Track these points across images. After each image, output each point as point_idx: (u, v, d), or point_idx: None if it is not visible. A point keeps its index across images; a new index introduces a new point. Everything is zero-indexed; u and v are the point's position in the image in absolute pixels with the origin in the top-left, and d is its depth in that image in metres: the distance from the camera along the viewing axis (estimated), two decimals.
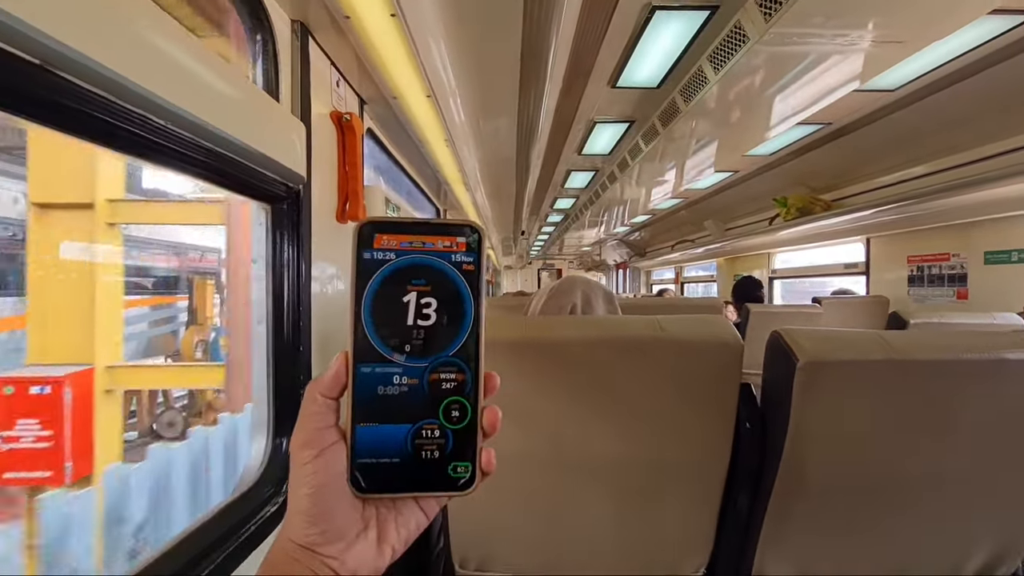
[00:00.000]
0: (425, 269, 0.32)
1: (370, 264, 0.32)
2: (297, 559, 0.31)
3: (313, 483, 0.31)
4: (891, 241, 3.24)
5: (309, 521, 0.31)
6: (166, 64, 0.55)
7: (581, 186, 4.37)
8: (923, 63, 1.97)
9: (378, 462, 0.32)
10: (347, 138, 0.99)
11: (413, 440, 0.32)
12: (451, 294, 0.32)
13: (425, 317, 0.32)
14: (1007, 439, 0.80)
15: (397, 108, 1.27)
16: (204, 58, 0.61)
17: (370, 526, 0.33)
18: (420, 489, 0.33)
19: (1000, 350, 0.77)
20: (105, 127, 0.51)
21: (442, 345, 0.32)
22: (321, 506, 0.31)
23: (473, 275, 0.33)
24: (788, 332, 0.81)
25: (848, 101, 2.25)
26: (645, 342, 0.82)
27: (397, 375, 0.32)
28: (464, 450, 0.33)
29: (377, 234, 0.32)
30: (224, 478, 3.37)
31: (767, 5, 1.56)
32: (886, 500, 0.84)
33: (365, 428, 0.32)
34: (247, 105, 0.66)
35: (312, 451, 0.31)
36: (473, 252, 0.33)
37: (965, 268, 2.78)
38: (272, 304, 0.84)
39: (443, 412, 0.32)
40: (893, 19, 1.51)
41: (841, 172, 3.41)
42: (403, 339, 0.32)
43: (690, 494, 0.88)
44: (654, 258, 7.30)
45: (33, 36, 0.43)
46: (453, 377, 0.32)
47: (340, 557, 0.31)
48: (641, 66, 2.17)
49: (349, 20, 0.85)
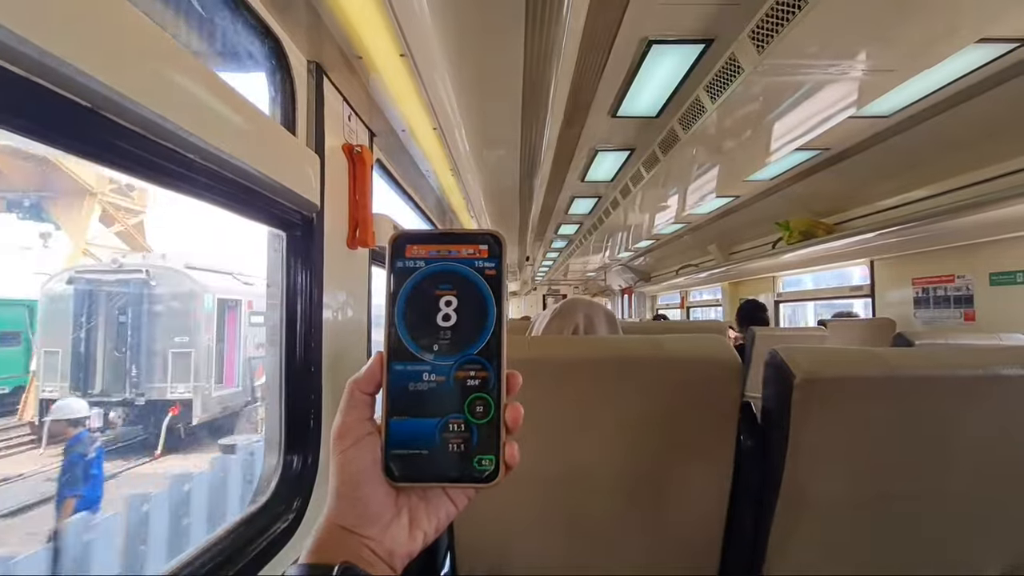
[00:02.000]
0: (451, 275, 0.35)
1: (402, 271, 0.35)
2: (340, 539, 0.33)
3: (351, 470, 0.34)
4: (895, 263, 3.25)
5: (348, 504, 0.34)
6: (191, 102, 0.60)
7: (584, 212, 4.44)
8: (916, 90, 2.03)
9: (409, 453, 0.34)
10: (357, 168, 1.05)
11: (441, 433, 0.34)
12: (475, 297, 0.35)
13: (451, 318, 0.35)
14: (1007, 456, 0.80)
15: (405, 140, 1.33)
16: (226, 96, 0.66)
17: (403, 512, 0.35)
18: (448, 480, 0.35)
19: (996, 366, 0.78)
20: (139, 160, 0.55)
21: (467, 344, 0.35)
22: (358, 491, 0.33)
23: (495, 279, 0.35)
24: (785, 350, 0.83)
25: (845, 127, 2.30)
26: (644, 360, 0.84)
27: (426, 372, 0.34)
28: (488, 444, 0.34)
29: (408, 244, 0.35)
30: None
31: (759, 38, 1.62)
32: (887, 517, 0.85)
33: (398, 421, 0.34)
34: (266, 139, 0.71)
35: (349, 441, 0.34)
36: (495, 258, 0.35)
37: (971, 289, 2.78)
38: (286, 326, 0.88)
39: (468, 407, 0.34)
40: (882, 49, 1.56)
41: (842, 196, 3.45)
42: (432, 339, 0.35)
43: (695, 511, 0.89)
44: (659, 283, 7.32)
45: (79, 80, 0.47)
46: (477, 374, 0.35)
47: (377, 538, 0.34)
48: (640, 97, 2.25)
49: (361, 60, 0.91)
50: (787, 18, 1.50)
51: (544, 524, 0.89)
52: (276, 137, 0.75)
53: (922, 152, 2.59)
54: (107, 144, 0.51)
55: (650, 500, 0.89)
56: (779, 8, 1.50)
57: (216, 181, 0.66)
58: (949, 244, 2.78)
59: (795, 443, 0.79)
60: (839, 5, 1.38)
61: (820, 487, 0.81)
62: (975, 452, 0.80)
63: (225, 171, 0.66)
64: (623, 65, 2.02)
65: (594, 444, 0.86)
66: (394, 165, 1.58)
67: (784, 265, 4.02)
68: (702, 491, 0.89)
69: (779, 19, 1.52)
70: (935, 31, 1.48)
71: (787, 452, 0.81)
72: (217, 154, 0.62)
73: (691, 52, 1.87)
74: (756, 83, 1.83)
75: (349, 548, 0.33)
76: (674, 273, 6.77)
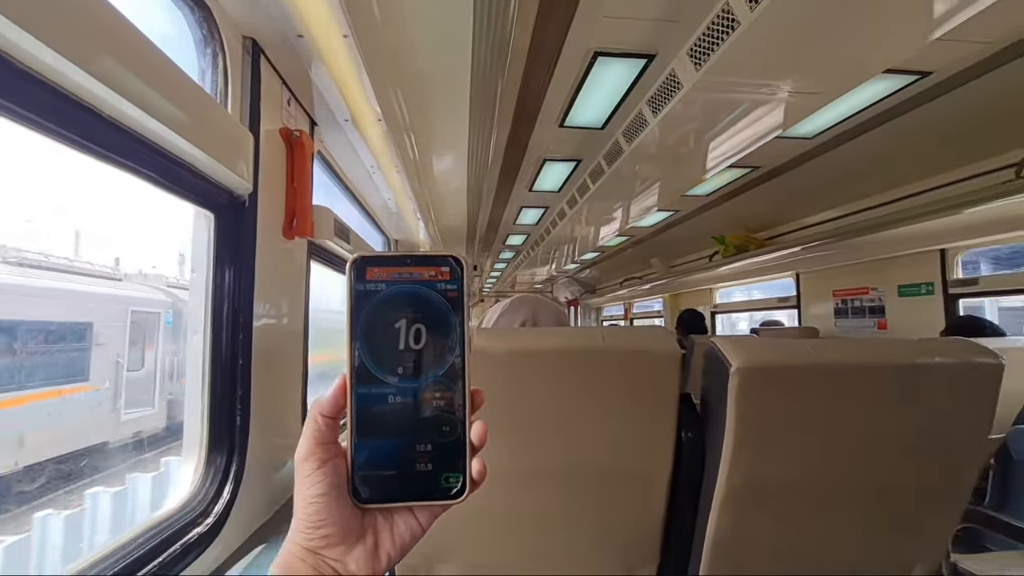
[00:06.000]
0: (413, 297, 0.35)
1: (363, 294, 0.35)
2: (304, 560, 0.34)
3: (314, 493, 0.34)
4: (818, 277, 3.50)
5: (313, 527, 0.34)
6: (102, 49, 0.54)
7: (532, 222, 4.49)
8: (834, 114, 2.21)
9: (376, 474, 0.35)
10: (296, 155, 1.00)
11: (407, 454, 0.35)
12: (437, 319, 0.35)
13: (415, 341, 0.35)
14: (921, 442, 0.87)
15: (348, 131, 1.29)
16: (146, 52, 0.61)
17: (367, 534, 0.36)
18: (415, 499, 0.36)
19: (912, 357, 0.85)
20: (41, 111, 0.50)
21: (432, 366, 0.35)
22: (322, 514, 0.34)
23: (457, 301, 0.36)
24: (721, 342, 0.86)
25: (774, 146, 2.46)
26: (587, 352, 0.85)
27: (391, 395, 0.35)
28: (455, 462, 0.35)
29: (369, 267, 0.35)
30: None
31: (697, 55, 1.72)
32: (818, 502, 0.89)
33: (363, 443, 0.35)
34: (193, 105, 0.66)
35: (313, 464, 0.34)
36: (456, 280, 0.36)
37: (883, 300, 3.03)
38: (211, 316, 0.81)
39: (435, 428, 0.35)
40: (805, 73, 1.69)
41: (772, 213, 3.68)
42: (396, 362, 0.35)
43: (638, 501, 0.90)
44: (604, 295, 7.50)
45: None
46: (443, 395, 0.35)
47: (342, 560, 0.34)
48: (586, 108, 2.31)
49: (302, 39, 0.88)
50: (722, 38, 1.59)
51: (480, 522, 0.87)
52: (204, 106, 0.70)
53: (839, 173, 2.81)
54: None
55: (595, 491, 0.89)
56: (715, 28, 1.59)
57: (136, 146, 0.60)
58: (864, 259, 3.02)
59: (732, 431, 0.82)
60: (768, 28, 1.48)
61: (755, 474, 0.84)
62: (894, 438, 0.86)
63: (145, 136, 0.61)
64: (570, 75, 2.07)
65: (535, 438, 0.86)
66: (337, 159, 1.53)
67: (720, 277, 4.23)
68: (645, 480, 0.90)
69: (715, 38, 1.61)
70: (849, 59, 1.62)
71: (724, 440, 0.83)
72: (135, 115, 0.57)
73: (635, 66, 1.95)
74: (694, 99, 1.92)
75: (312, 568, 0.33)
76: (618, 285, 6.97)
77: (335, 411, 0.35)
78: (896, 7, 1.35)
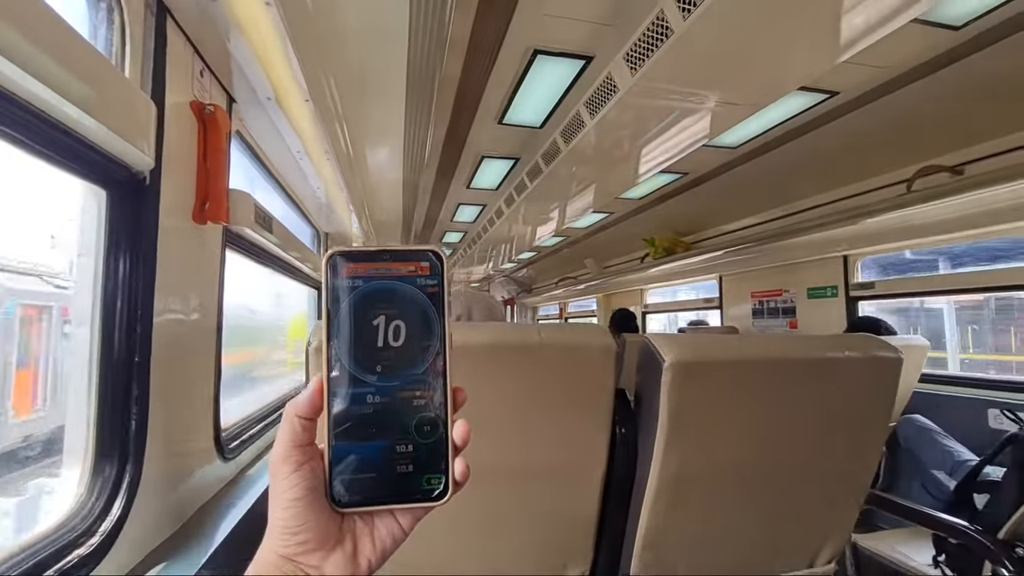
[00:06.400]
0: (392, 293, 0.34)
1: (340, 291, 0.34)
2: (280, 568, 0.32)
3: (290, 497, 0.32)
4: (739, 279, 3.73)
5: (289, 533, 0.32)
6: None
7: (470, 220, 4.46)
8: (756, 126, 2.35)
9: (355, 477, 0.34)
10: (210, 132, 0.90)
11: (388, 455, 0.34)
12: (417, 316, 0.34)
13: (394, 338, 0.34)
14: (832, 430, 0.93)
15: (272, 111, 1.19)
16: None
17: (346, 539, 0.34)
18: (395, 501, 0.34)
19: (825, 351, 0.91)
20: None
21: (411, 364, 0.34)
22: (299, 519, 0.32)
23: (437, 297, 0.35)
24: (655, 339, 0.88)
25: (701, 154, 2.59)
26: (523, 348, 0.83)
27: (370, 395, 0.34)
28: (437, 462, 0.34)
29: (346, 262, 0.34)
30: None
31: (632, 60, 1.76)
32: (742, 490, 0.93)
33: (342, 445, 0.34)
34: (77, 61, 0.57)
35: (289, 467, 0.33)
36: (436, 275, 0.35)
37: (794, 302, 3.28)
38: (101, 306, 0.71)
39: (415, 428, 0.34)
40: (731, 84, 1.78)
41: (698, 217, 3.88)
42: (374, 360, 0.34)
43: (572, 498, 0.89)
44: (540, 294, 7.60)
45: None
46: (423, 394, 0.34)
47: (319, 566, 0.33)
48: (525, 106, 2.31)
49: (216, 3, 0.79)
50: (656, 45, 1.64)
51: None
52: (93, 64, 0.60)
53: (759, 182, 3.01)
54: None
55: (523, 495, 0.87)
56: (650, 35, 1.64)
57: (9, 107, 0.51)
58: (778, 263, 3.25)
59: (664, 424, 0.83)
60: (699, 40, 1.54)
61: (687, 466, 0.86)
62: (813, 429, 0.91)
63: (17, 94, 0.52)
64: (510, 72, 2.06)
65: (477, 431, 0.83)
66: (260, 142, 1.42)
67: (651, 279, 4.40)
68: (581, 476, 0.90)
69: (649, 45, 1.66)
70: (769, 75, 1.73)
71: (657, 434, 0.85)
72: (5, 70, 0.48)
73: (573, 66, 1.97)
74: (630, 104, 1.98)
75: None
76: (554, 284, 7.08)
77: (312, 412, 0.34)
78: (809, 31, 1.45)
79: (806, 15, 1.39)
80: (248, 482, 1.16)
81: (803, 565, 0.99)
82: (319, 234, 2.70)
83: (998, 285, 2.33)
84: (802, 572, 0.98)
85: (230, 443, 1.16)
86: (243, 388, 1.48)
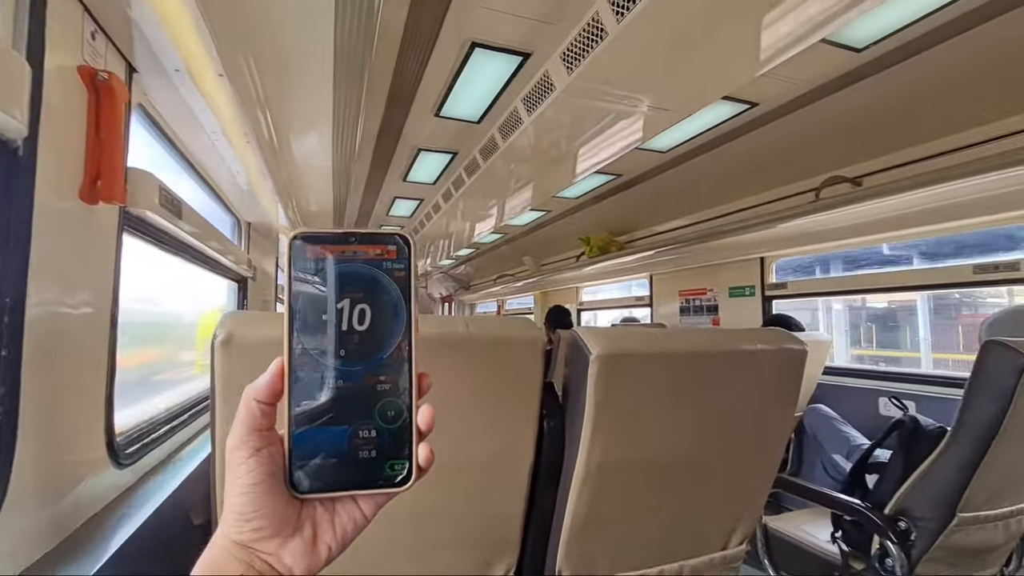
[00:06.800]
0: (358, 277, 0.34)
1: (304, 273, 0.33)
2: (234, 555, 0.31)
3: (246, 482, 0.31)
4: (668, 278, 3.90)
5: (244, 519, 0.31)
6: None
7: (406, 215, 4.36)
8: (685, 132, 2.46)
9: (316, 463, 0.33)
10: (103, 102, 0.80)
11: (350, 441, 0.33)
12: (383, 300, 0.34)
13: (359, 322, 0.34)
14: (746, 418, 0.98)
15: (182, 86, 1.09)
16: None
17: (305, 525, 0.33)
18: (357, 487, 0.34)
19: (740, 343, 0.95)
20: None
21: (376, 349, 0.34)
22: (255, 504, 0.31)
23: (404, 281, 0.34)
24: (583, 331, 0.89)
25: (635, 157, 2.67)
26: (450, 340, 0.81)
27: (333, 379, 0.33)
28: (400, 448, 0.34)
29: (310, 245, 0.33)
30: None
31: (568, 60, 1.78)
32: (663, 477, 0.96)
33: (302, 430, 0.33)
34: None
35: (245, 452, 0.32)
36: (404, 260, 0.34)
37: (717, 300, 3.47)
38: None
39: (379, 413, 0.34)
40: (662, 89, 1.85)
41: (631, 218, 4.02)
42: (338, 344, 0.33)
43: (499, 492, 0.88)
44: (478, 291, 7.58)
45: None
46: (388, 379, 0.34)
47: (276, 553, 0.32)
48: (463, 100, 2.29)
49: None
50: (592, 45, 1.67)
51: None
52: None
53: (687, 186, 3.16)
54: None
55: (456, 483, 0.86)
56: (585, 35, 1.66)
57: None
58: (703, 264, 3.43)
59: (590, 415, 0.84)
60: (632, 43, 1.59)
61: (611, 454, 0.87)
62: (728, 419, 0.95)
63: None
64: (447, 64, 2.03)
65: None
66: (169, 119, 1.29)
67: (586, 277, 4.51)
68: (508, 470, 0.89)
69: (585, 45, 1.69)
70: (696, 82, 1.81)
71: (583, 426, 0.86)
72: None
73: (511, 62, 1.97)
74: (566, 103, 2.00)
75: (244, 563, 0.31)
76: (492, 282, 7.08)
77: (271, 397, 0.33)
78: (733, 43, 1.53)
79: (731, 28, 1.46)
80: (149, 490, 1.06)
81: (718, 547, 1.04)
82: (240, 223, 2.53)
83: (891, 287, 2.58)
84: (717, 554, 1.03)
85: (127, 448, 1.05)
86: (141, 395, 1.34)
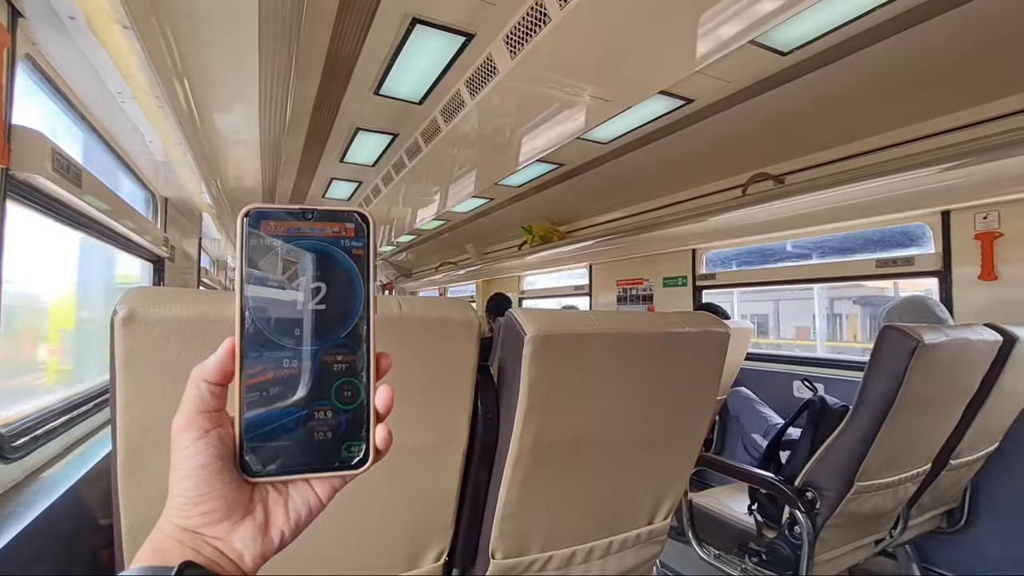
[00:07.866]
0: (314, 254, 0.33)
1: (258, 250, 0.32)
2: (181, 540, 0.30)
3: (192, 465, 0.30)
4: (607, 268, 4.00)
5: (191, 503, 0.30)
6: None
7: (344, 197, 4.20)
8: (625, 124, 2.50)
9: (268, 445, 0.32)
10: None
11: (305, 422, 0.32)
12: (341, 278, 0.33)
13: (316, 301, 0.33)
14: (674, 398, 1.02)
15: (80, 38, 0.96)
16: None
17: (256, 510, 0.32)
18: (312, 470, 0.33)
19: (669, 326, 0.99)
20: None
21: (333, 328, 0.33)
22: (202, 488, 0.30)
23: (362, 260, 0.34)
24: (517, 311, 0.88)
25: (576, 146, 2.70)
26: (383, 322, 0.79)
27: (287, 359, 0.32)
28: (357, 430, 0.33)
29: (264, 220, 0.32)
30: None
31: (512, 44, 1.77)
32: (595, 456, 0.98)
33: (255, 412, 0.32)
34: None
35: (193, 435, 0.31)
36: (363, 238, 0.34)
37: (652, 290, 3.60)
38: None
39: (335, 394, 0.33)
40: (603, 79, 1.87)
41: (572, 208, 4.08)
42: (293, 323, 0.32)
43: (431, 476, 0.87)
44: (420, 279, 7.46)
45: None
46: (344, 359, 0.33)
47: (225, 538, 0.31)
48: (403, 78, 2.21)
49: None
50: (535, 31, 1.66)
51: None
52: None
53: (626, 178, 3.24)
54: None
55: (381, 475, 0.83)
56: (528, 20, 1.65)
57: None
58: (639, 255, 3.55)
59: (524, 395, 0.84)
60: (575, 31, 1.59)
61: (544, 434, 0.88)
62: (656, 394, 0.99)
63: None
64: (386, 39, 1.95)
65: None
66: (66, 76, 1.15)
67: (528, 265, 4.54)
68: (441, 454, 0.88)
69: (529, 29, 1.67)
70: (635, 75, 1.84)
71: (518, 407, 0.86)
72: None
73: (454, 42, 1.92)
74: (510, 88, 1.98)
75: (191, 549, 0.30)
76: (434, 269, 6.99)
77: (222, 377, 0.32)
78: (671, 39, 1.57)
79: (669, 24, 1.50)
80: (42, 486, 0.96)
81: (645, 522, 1.08)
82: (156, 198, 2.32)
83: (808, 278, 2.78)
84: (644, 528, 1.07)
85: (14, 441, 0.94)
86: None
